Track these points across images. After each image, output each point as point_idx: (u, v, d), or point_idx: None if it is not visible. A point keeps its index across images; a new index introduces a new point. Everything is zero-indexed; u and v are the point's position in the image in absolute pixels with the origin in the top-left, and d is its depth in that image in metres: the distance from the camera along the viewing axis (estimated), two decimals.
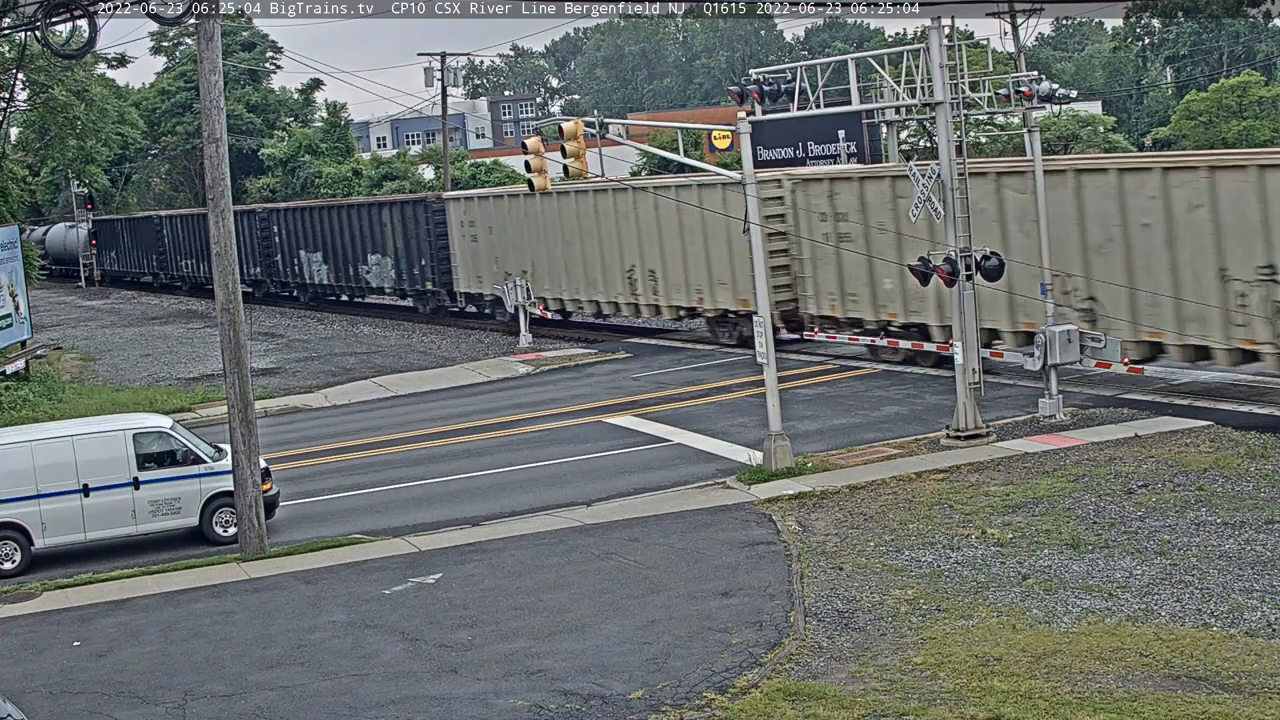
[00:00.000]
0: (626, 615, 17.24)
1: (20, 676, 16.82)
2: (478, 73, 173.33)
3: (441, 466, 27.15)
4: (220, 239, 21.98)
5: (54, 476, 22.26)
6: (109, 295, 75.12)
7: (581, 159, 24.64)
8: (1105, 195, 26.94)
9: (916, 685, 14.21)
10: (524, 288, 42.17)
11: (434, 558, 20.58)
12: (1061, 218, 27.22)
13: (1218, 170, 25.29)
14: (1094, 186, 27.19)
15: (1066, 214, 27.33)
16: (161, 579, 20.79)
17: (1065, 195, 27.48)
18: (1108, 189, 26.92)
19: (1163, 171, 26.12)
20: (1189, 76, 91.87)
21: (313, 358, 44.15)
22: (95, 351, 49.25)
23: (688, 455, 26.12)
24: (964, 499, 21.07)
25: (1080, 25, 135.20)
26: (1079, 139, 68.67)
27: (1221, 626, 15.20)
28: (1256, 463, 21.55)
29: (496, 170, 79.46)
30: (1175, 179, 25.84)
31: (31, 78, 44.60)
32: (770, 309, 25.26)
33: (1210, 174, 25.27)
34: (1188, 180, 25.60)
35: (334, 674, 16.09)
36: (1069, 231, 27.39)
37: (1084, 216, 27.28)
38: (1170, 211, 25.83)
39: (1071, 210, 27.43)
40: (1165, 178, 25.98)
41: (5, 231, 39.73)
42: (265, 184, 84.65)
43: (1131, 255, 26.59)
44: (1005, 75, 29.29)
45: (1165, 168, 26.24)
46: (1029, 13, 58.78)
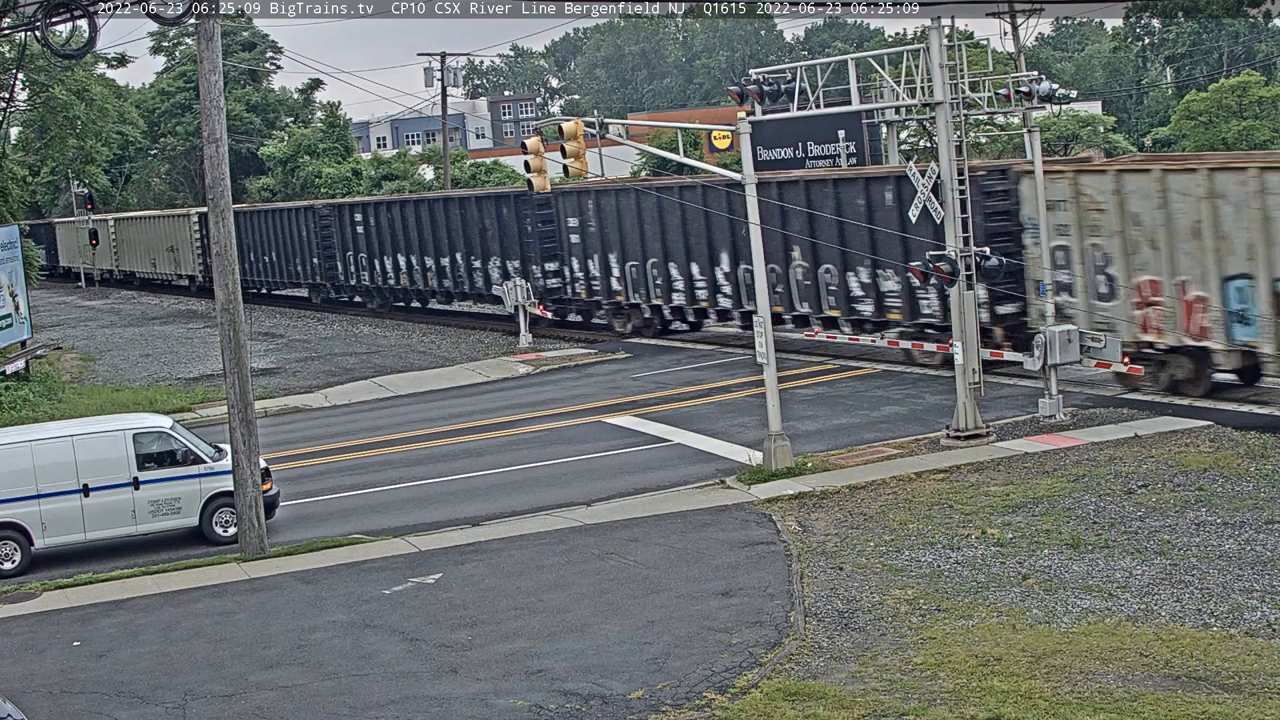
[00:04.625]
0: (626, 615, 17.24)
1: (20, 676, 16.82)
2: (478, 73, 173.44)
3: (441, 466, 27.15)
4: (220, 239, 21.97)
5: (54, 476, 22.25)
6: (109, 295, 75.08)
7: (581, 159, 24.65)
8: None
9: (916, 685, 14.21)
10: (524, 288, 42.14)
11: (434, 558, 20.58)
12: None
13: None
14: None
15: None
16: (161, 579, 20.79)
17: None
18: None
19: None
20: (1189, 76, 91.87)
21: (313, 358, 44.14)
22: (95, 351, 49.24)
23: (688, 455, 26.12)
24: (964, 499, 21.07)
25: (1080, 25, 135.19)
26: (1079, 139, 68.67)
27: (1221, 626, 15.20)
28: (1256, 463, 21.55)
29: (497, 170, 79.51)
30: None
31: (31, 78, 44.62)
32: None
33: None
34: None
35: (334, 674, 16.09)
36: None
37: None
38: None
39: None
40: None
41: (5, 231, 39.73)
42: (265, 184, 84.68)
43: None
44: (1005, 75, 29.33)
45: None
46: (1029, 13, 58.73)
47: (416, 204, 50.21)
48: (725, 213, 35.04)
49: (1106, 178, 27.32)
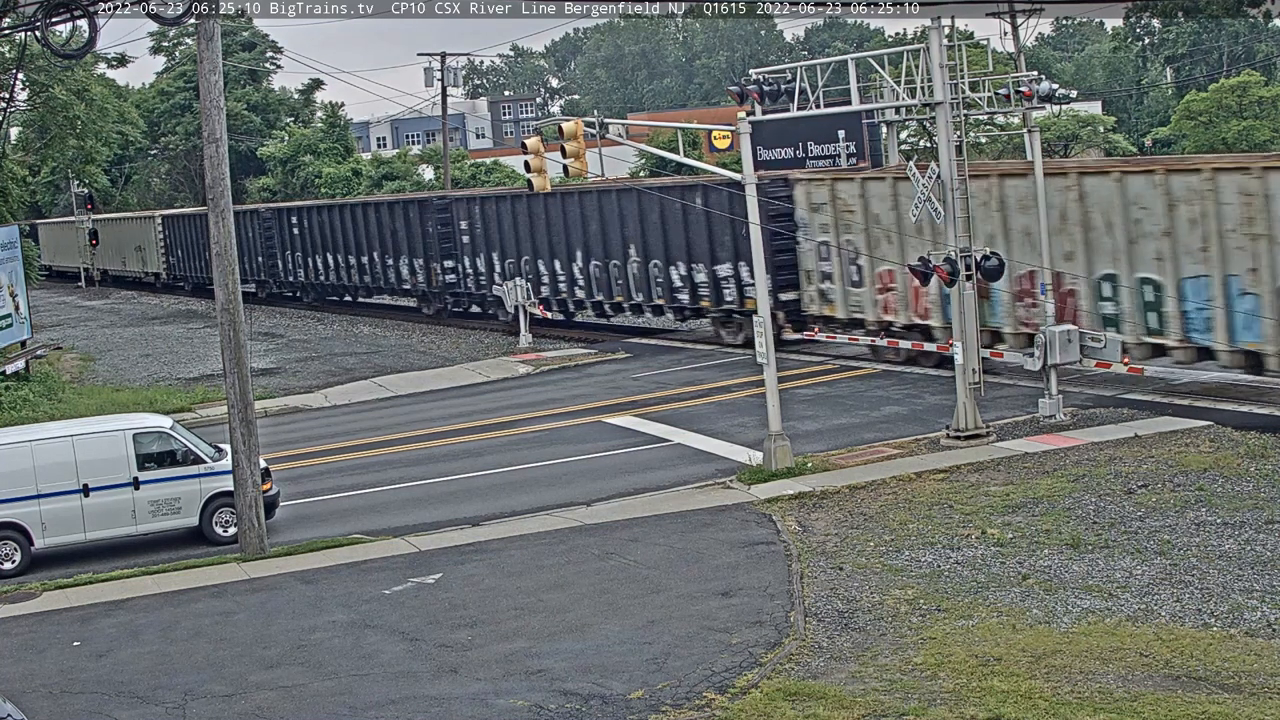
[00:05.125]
0: (626, 615, 17.24)
1: (20, 676, 16.82)
2: (478, 73, 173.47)
3: (441, 466, 27.16)
4: (220, 239, 21.97)
5: (54, 476, 22.25)
6: (109, 295, 75.11)
7: (581, 159, 24.65)
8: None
9: (916, 685, 14.21)
10: (524, 287, 42.16)
11: (434, 558, 20.58)
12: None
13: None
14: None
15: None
16: (161, 579, 20.79)
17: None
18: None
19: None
20: (1189, 76, 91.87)
21: (313, 358, 44.14)
22: (95, 351, 49.25)
23: (688, 455, 26.12)
24: (964, 499, 21.07)
25: (1080, 25, 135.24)
26: (1079, 139, 68.68)
27: (1221, 626, 15.20)
28: (1256, 463, 21.55)
29: (497, 170, 79.50)
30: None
31: (31, 78, 44.58)
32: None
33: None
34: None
35: (334, 674, 16.09)
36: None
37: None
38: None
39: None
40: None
41: (5, 231, 39.73)
42: (265, 184, 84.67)
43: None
44: (1005, 75, 29.32)
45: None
46: (1029, 13, 58.77)
47: (341, 209, 55.43)
48: (580, 217, 41.25)
49: (854, 184, 32.23)
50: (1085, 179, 27.34)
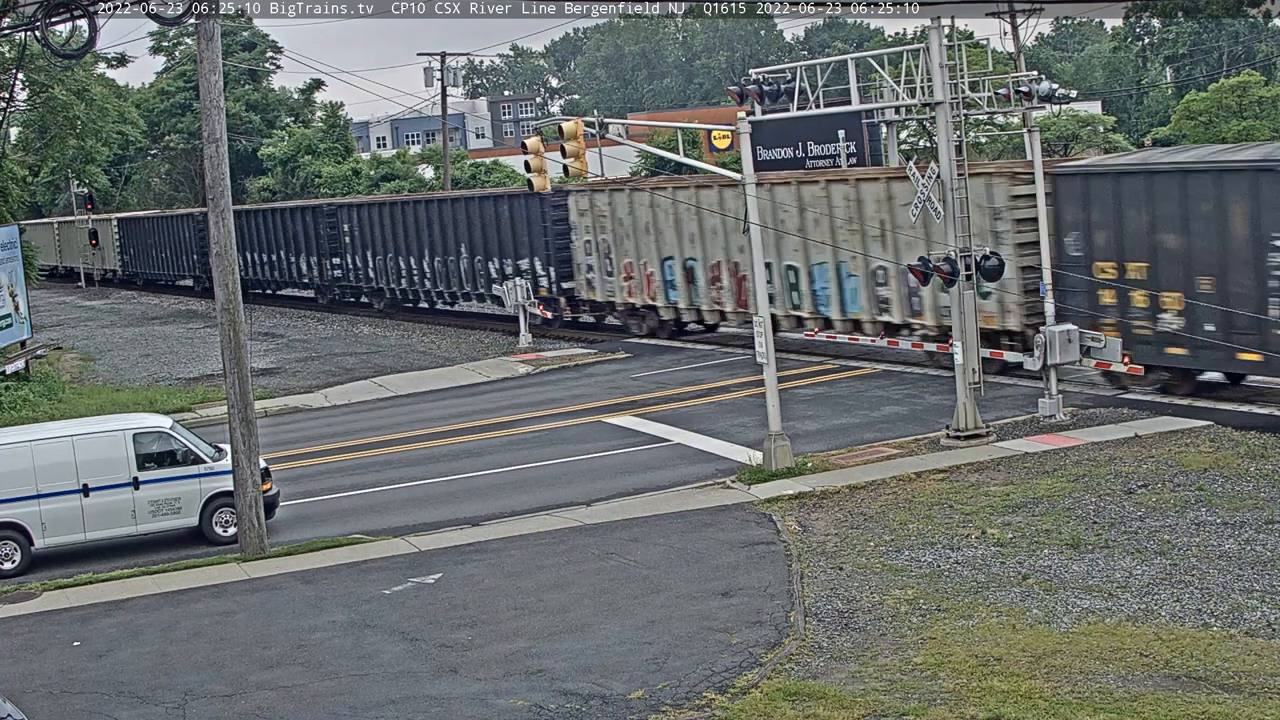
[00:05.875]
0: (626, 615, 17.25)
1: (20, 676, 16.83)
2: (477, 73, 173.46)
3: (441, 466, 27.16)
4: (220, 239, 21.97)
5: (54, 476, 22.25)
6: (109, 295, 75.08)
7: (581, 159, 24.65)
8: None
9: (916, 685, 14.21)
10: (524, 287, 42.17)
11: (434, 558, 20.59)
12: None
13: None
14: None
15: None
16: (161, 579, 20.79)
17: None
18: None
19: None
20: (1189, 76, 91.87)
21: (313, 358, 44.14)
22: (95, 351, 49.24)
23: (687, 455, 26.12)
24: (964, 499, 21.07)
25: (1080, 25, 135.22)
26: (1079, 139, 68.69)
27: (1221, 626, 15.21)
28: (1256, 463, 21.56)
29: (496, 170, 79.47)
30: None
31: (31, 78, 44.53)
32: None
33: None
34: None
35: (334, 674, 16.10)
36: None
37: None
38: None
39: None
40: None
41: (5, 231, 39.71)
42: (265, 184, 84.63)
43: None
44: (1005, 75, 29.32)
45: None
46: (1029, 13, 58.74)
47: (258, 214, 62.04)
48: (428, 221, 48.59)
49: (604, 195, 40.05)
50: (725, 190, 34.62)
